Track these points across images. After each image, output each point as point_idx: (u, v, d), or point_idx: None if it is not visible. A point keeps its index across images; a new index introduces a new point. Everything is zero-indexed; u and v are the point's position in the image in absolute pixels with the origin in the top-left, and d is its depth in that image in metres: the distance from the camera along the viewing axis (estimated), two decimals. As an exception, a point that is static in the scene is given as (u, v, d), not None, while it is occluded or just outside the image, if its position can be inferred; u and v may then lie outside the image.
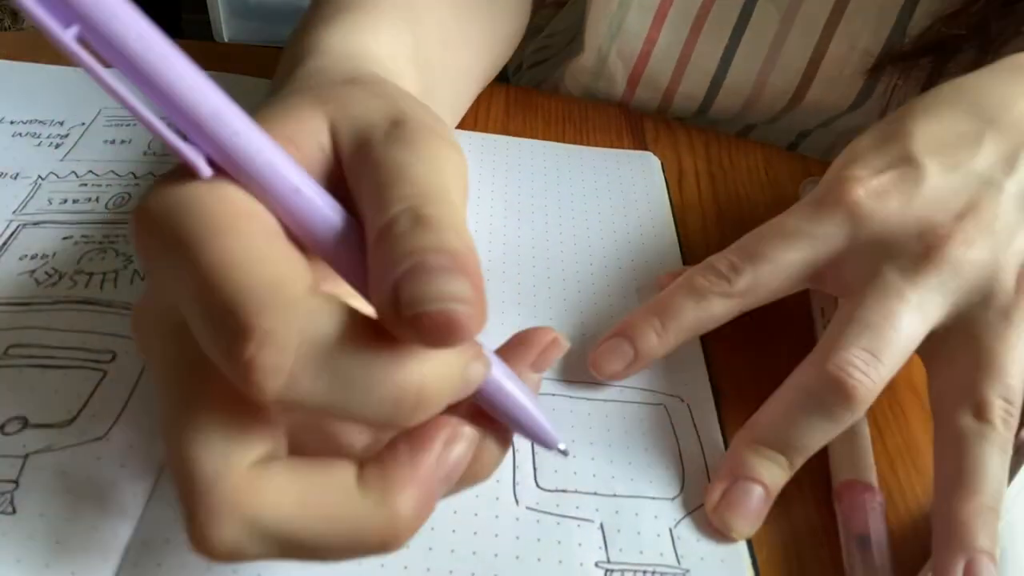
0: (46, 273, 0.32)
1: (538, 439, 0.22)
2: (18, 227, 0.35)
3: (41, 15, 0.17)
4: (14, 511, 0.25)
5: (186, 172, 0.19)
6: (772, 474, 0.27)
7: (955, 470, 0.26)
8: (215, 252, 0.17)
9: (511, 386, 0.21)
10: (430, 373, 0.18)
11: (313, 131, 0.21)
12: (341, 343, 0.17)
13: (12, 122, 0.41)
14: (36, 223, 0.35)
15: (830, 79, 0.48)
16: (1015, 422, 0.26)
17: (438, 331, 0.16)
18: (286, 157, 0.19)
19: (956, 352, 0.27)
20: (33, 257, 0.33)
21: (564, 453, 0.23)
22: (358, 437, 0.22)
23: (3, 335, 0.30)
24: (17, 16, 1.64)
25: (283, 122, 0.21)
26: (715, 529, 0.27)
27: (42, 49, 0.47)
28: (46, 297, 0.31)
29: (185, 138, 0.19)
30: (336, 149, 0.21)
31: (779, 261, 0.28)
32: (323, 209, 0.19)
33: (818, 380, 0.26)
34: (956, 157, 0.28)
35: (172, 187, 0.18)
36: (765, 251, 0.28)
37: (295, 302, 0.16)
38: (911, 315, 0.26)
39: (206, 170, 0.19)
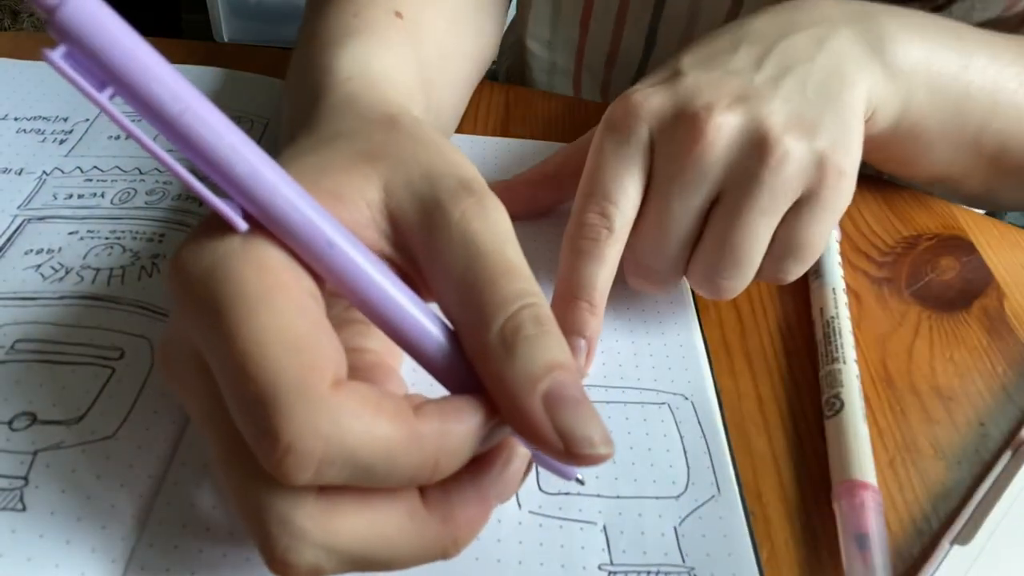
0: (52, 268, 0.32)
1: (557, 471, 0.24)
2: (23, 222, 0.35)
3: (76, 78, 0.17)
4: (24, 508, 0.25)
5: (224, 223, 0.19)
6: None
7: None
8: (246, 337, 0.18)
9: None
10: (445, 450, 0.20)
11: (360, 187, 0.22)
12: (363, 440, 0.18)
13: (16, 119, 0.41)
14: (41, 218, 0.35)
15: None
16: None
17: (587, 464, 0.20)
18: (322, 213, 0.20)
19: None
20: (39, 252, 0.33)
21: (581, 483, 0.25)
22: None
23: (9, 329, 0.30)
24: (17, 16, 1.64)
25: (327, 176, 0.22)
26: (721, 525, 0.27)
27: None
28: (52, 292, 0.31)
29: (221, 192, 0.19)
30: (390, 209, 0.22)
31: (625, 187, 0.31)
32: (357, 263, 0.20)
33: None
34: (714, 63, 0.32)
35: (209, 243, 0.19)
36: (610, 187, 0.31)
37: (320, 404, 0.18)
38: (680, 221, 0.30)
39: (242, 225, 0.19)
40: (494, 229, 0.21)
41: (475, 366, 0.21)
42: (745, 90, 0.30)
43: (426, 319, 0.21)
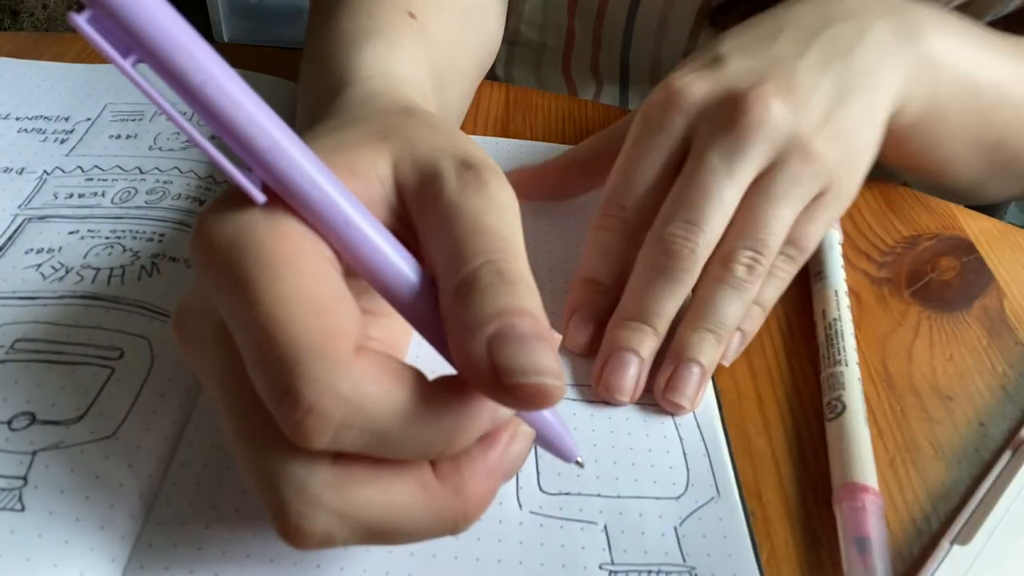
0: (52, 267, 0.32)
1: (559, 452, 0.24)
2: (24, 221, 0.35)
3: (101, 42, 0.17)
4: (23, 508, 0.25)
5: (245, 195, 0.19)
6: (644, 343, 0.31)
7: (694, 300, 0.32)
8: (270, 300, 0.18)
9: None
10: (460, 423, 0.20)
11: (373, 163, 0.22)
12: (382, 406, 0.18)
13: (18, 118, 0.41)
14: (42, 217, 0.35)
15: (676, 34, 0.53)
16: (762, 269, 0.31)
17: (532, 401, 0.18)
18: (340, 188, 0.20)
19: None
20: (39, 251, 0.33)
21: (581, 465, 0.25)
22: None
23: (9, 329, 0.30)
24: (17, 16, 1.64)
25: (343, 152, 0.22)
26: (721, 526, 0.27)
27: (44, 49, 0.47)
28: (52, 292, 0.31)
29: (241, 163, 0.19)
30: (398, 183, 0.22)
31: (649, 179, 0.32)
32: (373, 240, 0.20)
33: (654, 251, 0.31)
34: (755, 49, 0.33)
35: (232, 212, 0.20)
36: (635, 177, 0.32)
37: (341, 368, 0.18)
38: (724, 185, 0.30)
39: (260, 197, 0.19)
40: (485, 200, 0.21)
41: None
42: (788, 81, 0.32)
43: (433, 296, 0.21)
